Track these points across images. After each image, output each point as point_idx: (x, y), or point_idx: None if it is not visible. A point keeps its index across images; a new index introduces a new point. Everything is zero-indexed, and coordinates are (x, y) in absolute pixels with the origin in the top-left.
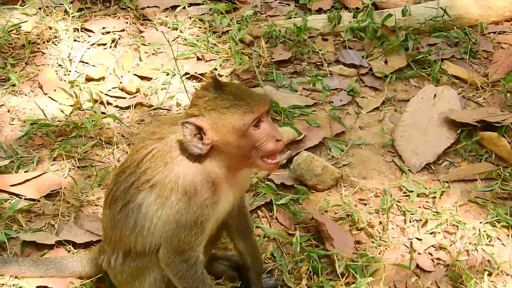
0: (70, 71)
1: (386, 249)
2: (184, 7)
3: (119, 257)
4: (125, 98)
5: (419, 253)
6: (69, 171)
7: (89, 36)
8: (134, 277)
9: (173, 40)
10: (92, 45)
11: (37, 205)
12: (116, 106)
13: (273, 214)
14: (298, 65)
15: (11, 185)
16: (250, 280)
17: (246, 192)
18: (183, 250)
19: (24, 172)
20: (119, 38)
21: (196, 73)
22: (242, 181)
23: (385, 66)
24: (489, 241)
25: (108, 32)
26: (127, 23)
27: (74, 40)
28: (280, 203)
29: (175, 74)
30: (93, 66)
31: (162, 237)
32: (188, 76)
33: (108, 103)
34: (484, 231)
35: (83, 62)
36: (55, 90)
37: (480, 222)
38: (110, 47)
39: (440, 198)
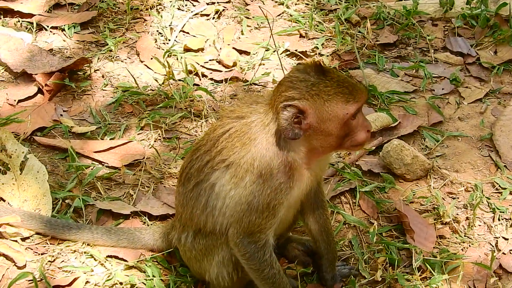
0: (169, 40)
1: (469, 246)
2: None
3: (189, 235)
4: (221, 71)
5: (503, 253)
6: (154, 141)
7: (193, 5)
8: (203, 255)
9: (278, 16)
10: (195, 15)
11: (118, 173)
12: (211, 79)
13: (356, 201)
14: (403, 49)
15: (95, 152)
16: (323, 267)
17: (331, 176)
18: (252, 232)
19: (110, 139)
20: (223, 10)
21: (296, 50)
22: (320, 167)
23: (493, 57)
24: None
25: (213, 3)
26: None
27: (178, 9)
28: (365, 190)
29: (275, 50)
30: (193, 36)
31: (232, 217)
32: (288, 53)
33: (203, 75)
34: None
35: (183, 31)
36: (151, 58)
37: None
38: (213, 18)
39: None
